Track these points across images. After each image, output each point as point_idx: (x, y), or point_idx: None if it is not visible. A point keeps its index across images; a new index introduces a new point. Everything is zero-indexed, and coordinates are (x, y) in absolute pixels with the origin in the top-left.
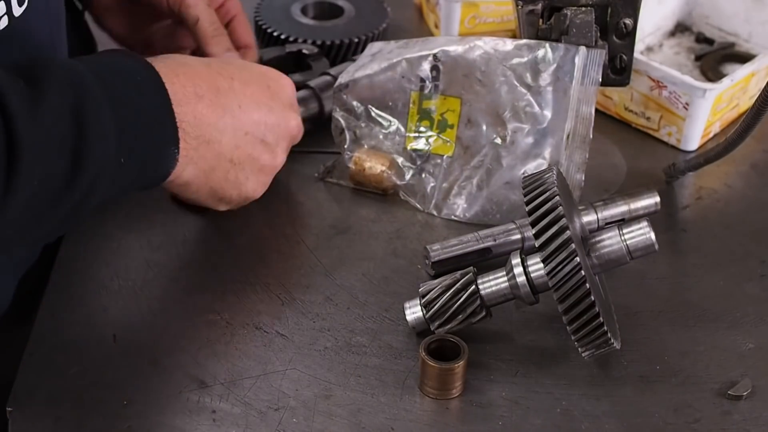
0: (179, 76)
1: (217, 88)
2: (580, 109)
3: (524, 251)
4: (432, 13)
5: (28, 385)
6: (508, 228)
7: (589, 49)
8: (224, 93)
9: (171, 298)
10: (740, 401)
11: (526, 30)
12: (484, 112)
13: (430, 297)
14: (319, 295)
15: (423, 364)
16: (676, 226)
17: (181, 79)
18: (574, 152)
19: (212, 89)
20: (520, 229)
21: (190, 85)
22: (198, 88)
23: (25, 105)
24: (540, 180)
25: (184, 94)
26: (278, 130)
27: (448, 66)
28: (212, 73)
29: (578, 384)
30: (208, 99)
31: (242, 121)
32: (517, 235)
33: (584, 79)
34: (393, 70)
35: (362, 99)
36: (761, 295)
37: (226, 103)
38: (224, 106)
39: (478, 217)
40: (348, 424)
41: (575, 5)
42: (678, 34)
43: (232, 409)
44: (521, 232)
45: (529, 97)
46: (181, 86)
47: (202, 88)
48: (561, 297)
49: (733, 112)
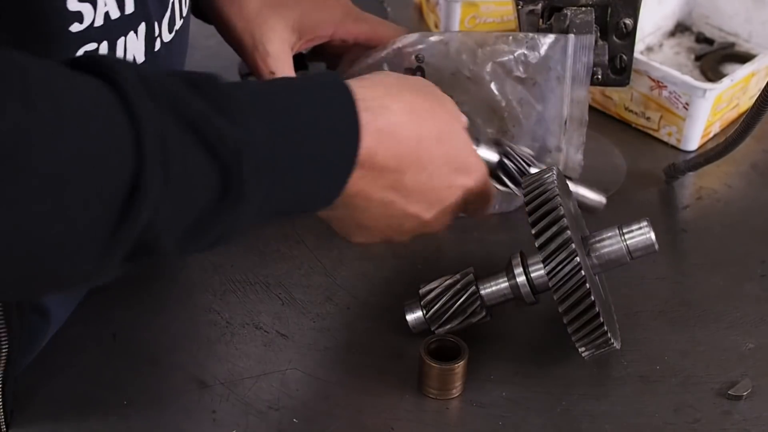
0: (379, 149)
1: (396, 178)
2: (574, 93)
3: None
4: (432, 13)
5: (28, 385)
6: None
7: (578, 35)
8: (401, 185)
9: (171, 298)
10: (740, 401)
11: (526, 30)
12: (478, 109)
13: (430, 297)
14: (319, 295)
15: (423, 364)
16: (676, 226)
17: (381, 151)
18: (572, 135)
19: (391, 176)
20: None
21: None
22: (394, 159)
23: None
24: (540, 180)
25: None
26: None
27: (432, 66)
28: (405, 155)
29: (578, 384)
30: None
31: (390, 210)
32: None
33: (576, 64)
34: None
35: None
36: (761, 295)
37: (390, 193)
38: (382, 198)
39: None
40: (348, 424)
41: (575, 5)
42: (678, 34)
43: (232, 409)
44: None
45: (521, 89)
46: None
47: (397, 161)
48: (561, 297)
49: (733, 112)
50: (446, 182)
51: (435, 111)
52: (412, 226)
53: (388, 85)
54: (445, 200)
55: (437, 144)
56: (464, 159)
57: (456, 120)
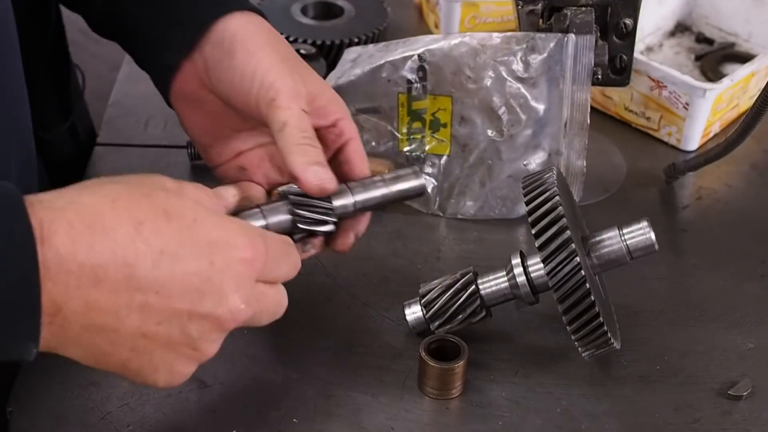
0: (79, 246)
1: (131, 269)
2: (575, 95)
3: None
4: (432, 13)
5: (28, 385)
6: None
7: (578, 35)
8: (141, 276)
9: None
10: (740, 401)
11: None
12: (478, 108)
13: (430, 297)
14: (319, 295)
15: (423, 364)
16: (676, 226)
17: (80, 251)
18: (573, 139)
19: (123, 271)
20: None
21: (91, 261)
22: (100, 269)
23: None
24: (540, 180)
25: (78, 275)
26: (207, 323)
27: (434, 65)
28: (134, 242)
29: (578, 384)
30: (109, 284)
31: (156, 309)
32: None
33: (576, 66)
34: (377, 73)
35: (348, 105)
36: (761, 295)
37: (140, 286)
38: (135, 291)
39: (483, 212)
40: (348, 424)
41: (575, 5)
42: (678, 34)
43: (232, 409)
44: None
45: (522, 89)
46: (78, 267)
47: (108, 270)
48: (561, 297)
49: (733, 112)
50: (205, 263)
51: (151, 194)
52: (205, 328)
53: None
54: (218, 284)
55: (166, 223)
56: (209, 233)
57: (188, 198)
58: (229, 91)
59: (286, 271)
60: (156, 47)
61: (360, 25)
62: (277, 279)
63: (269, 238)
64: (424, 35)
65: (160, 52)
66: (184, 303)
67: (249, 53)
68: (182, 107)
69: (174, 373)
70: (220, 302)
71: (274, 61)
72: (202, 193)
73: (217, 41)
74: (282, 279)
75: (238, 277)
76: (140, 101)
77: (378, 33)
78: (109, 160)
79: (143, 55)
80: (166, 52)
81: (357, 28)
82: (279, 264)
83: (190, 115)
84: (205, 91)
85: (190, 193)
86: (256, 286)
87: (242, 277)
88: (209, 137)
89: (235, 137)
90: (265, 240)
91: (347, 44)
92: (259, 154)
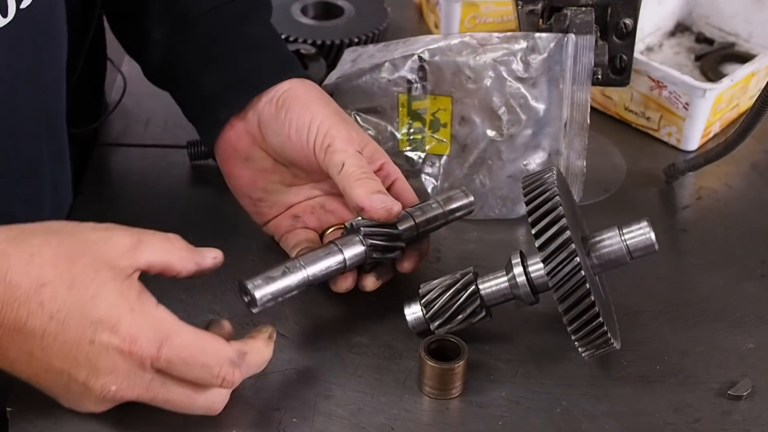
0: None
1: (23, 324)
2: (575, 95)
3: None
4: (432, 13)
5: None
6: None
7: (578, 35)
8: (29, 331)
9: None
10: (740, 401)
11: (526, 30)
12: (478, 108)
13: (430, 297)
14: (319, 296)
15: (423, 364)
16: (676, 226)
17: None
18: (573, 140)
19: (16, 324)
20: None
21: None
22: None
23: None
24: (540, 180)
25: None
26: (85, 389)
27: (434, 65)
28: (30, 301)
29: (578, 384)
30: (5, 330)
31: (41, 361)
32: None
33: (576, 66)
34: (377, 73)
35: (348, 105)
36: (761, 295)
37: (27, 339)
38: (23, 342)
39: (483, 212)
40: (348, 424)
41: (575, 5)
42: (678, 34)
43: (232, 409)
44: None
45: (521, 89)
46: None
47: (5, 318)
48: (561, 297)
49: (733, 112)
50: (85, 340)
51: (74, 258)
52: (85, 392)
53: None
54: (93, 361)
55: (67, 292)
56: (100, 312)
57: (107, 271)
58: (285, 143)
59: (197, 375)
60: (210, 102)
61: (360, 25)
62: (184, 378)
63: (184, 339)
64: (424, 35)
65: (214, 106)
66: (64, 365)
67: (304, 107)
68: (231, 166)
69: (89, 406)
70: (94, 377)
71: (328, 113)
72: (154, 258)
73: (271, 98)
74: (197, 381)
75: (114, 362)
76: (140, 101)
77: (378, 33)
78: (109, 160)
79: (194, 107)
80: (220, 108)
81: (357, 28)
82: (187, 366)
83: (240, 172)
84: (255, 147)
85: (122, 263)
86: (146, 375)
87: (119, 362)
88: (259, 192)
89: (285, 191)
90: (170, 339)
91: (347, 44)
92: (311, 205)
